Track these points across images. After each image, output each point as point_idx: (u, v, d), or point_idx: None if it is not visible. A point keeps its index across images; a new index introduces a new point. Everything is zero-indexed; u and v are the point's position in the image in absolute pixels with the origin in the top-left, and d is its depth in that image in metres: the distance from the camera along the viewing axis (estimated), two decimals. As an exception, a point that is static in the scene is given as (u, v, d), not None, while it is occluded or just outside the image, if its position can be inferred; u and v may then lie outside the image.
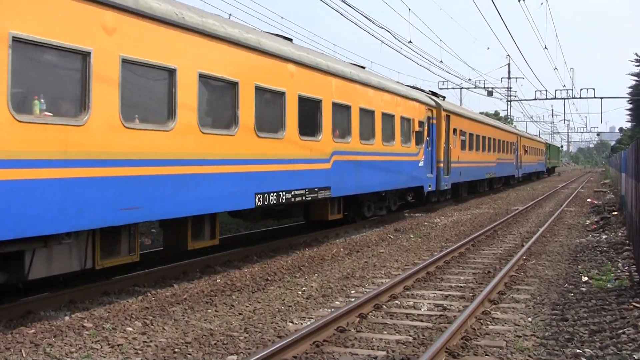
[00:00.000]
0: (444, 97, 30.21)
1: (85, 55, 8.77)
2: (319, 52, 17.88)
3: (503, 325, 8.98)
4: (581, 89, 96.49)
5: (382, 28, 26.41)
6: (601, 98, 69.92)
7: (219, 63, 11.72)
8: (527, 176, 59.06)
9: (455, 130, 28.43)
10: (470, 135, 32.28)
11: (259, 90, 12.89)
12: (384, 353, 7.64)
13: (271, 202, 13.38)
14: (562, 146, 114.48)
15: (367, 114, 18.46)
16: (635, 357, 7.31)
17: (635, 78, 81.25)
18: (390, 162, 20.37)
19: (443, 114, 26.30)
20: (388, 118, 20.11)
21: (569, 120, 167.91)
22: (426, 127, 24.08)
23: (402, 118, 21.42)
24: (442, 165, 26.10)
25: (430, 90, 29.12)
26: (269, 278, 12.09)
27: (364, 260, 14.29)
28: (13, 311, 8.87)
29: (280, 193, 13.69)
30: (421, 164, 23.42)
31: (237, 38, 12.24)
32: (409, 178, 22.30)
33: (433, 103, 25.53)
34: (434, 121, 25.38)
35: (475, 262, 14.40)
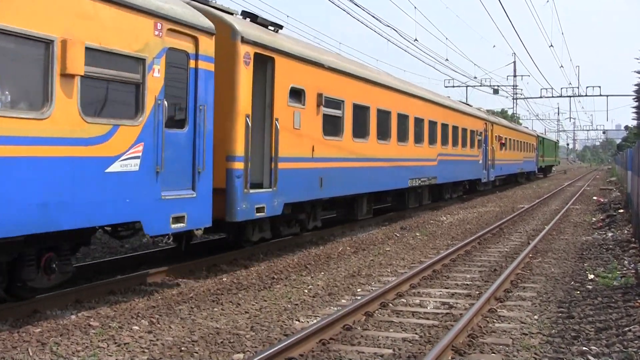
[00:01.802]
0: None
1: None
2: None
3: (509, 323, 8.98)
4: (587, 87, 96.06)
5: (388, 26, 26.44)
6: (607, 96, 70.07)
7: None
8: (506, 179, 45.53)
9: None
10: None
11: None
12: (390, 351, 7.64)
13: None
14: (558, 141, 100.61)
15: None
16: (642, 355, 7.29)
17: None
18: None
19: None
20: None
21: (574, 118, 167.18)
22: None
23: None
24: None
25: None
26: (275, 276, 12.10)
27: (370, 259, 14.28)
28: (19, 310, 8.89)
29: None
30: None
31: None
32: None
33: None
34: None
35: (482, 260, 14.39)
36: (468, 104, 35.64)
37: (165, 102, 9.85)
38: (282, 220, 14.46)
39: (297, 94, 14.08)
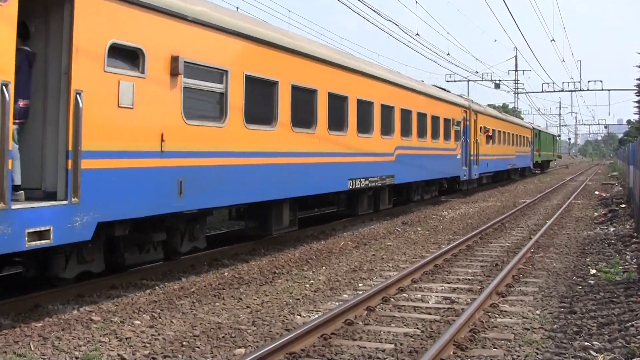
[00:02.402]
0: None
1: None
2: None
3: (511, 318, 8.97)
4: (589, 81, 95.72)
5: (390, 21, 26.38)
6: (609, 90, 70.02)
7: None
8: (495, 176, 41.15)
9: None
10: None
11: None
12: (392, 346, 7.63)
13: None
14: (559, 135, 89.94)
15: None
16: (644, 350, 7.28)
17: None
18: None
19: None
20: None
21: (576, 113, 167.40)
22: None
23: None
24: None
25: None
26: (277, 271, 12.09)
27: (372, 253, 14.28)
28: (21, 305, 8.90)
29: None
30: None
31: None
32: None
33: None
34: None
35: (483, 254, 14.38)
36: (444, 89, 29.77)
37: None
38: (129, 243, 10.70)
39: (127, 56, 9.50)
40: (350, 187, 16.84)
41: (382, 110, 18.94)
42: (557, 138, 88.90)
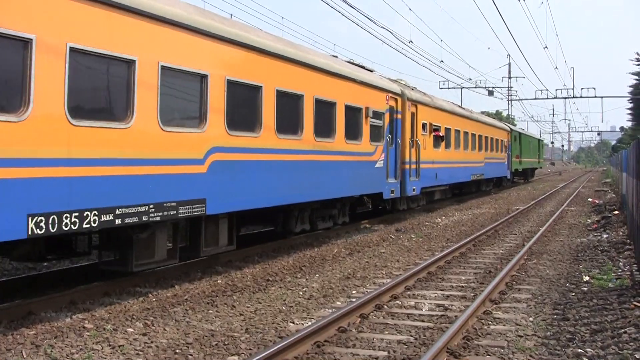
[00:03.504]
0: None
1: None
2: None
3: (504, 325, 8.97)
4: (582, 88, 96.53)
5: (383, 28, 26.43)
6: (602, 97, 70.09)
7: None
8: (458, 189, 34.03)
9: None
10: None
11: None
12: (385, 353, 7.62)
13: None
14: (552, 142, 79.24)
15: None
16: (637, 357, 7.30)
17: (636, 77, 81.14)
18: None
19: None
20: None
21: (569, 120, 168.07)
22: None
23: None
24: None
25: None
26: (270, 278, 12.08)
27: (365, 261, 14.27)
28: (14, 312, 8.86)
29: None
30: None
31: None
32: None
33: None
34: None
35: (477, 261, 14.39)
36: (366, 68, 20.10)
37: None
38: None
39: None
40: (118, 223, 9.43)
41: (202, 85, 11.18)
42: (542, 142, 76.28)
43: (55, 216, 8.18)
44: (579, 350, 7.74)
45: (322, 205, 16.83)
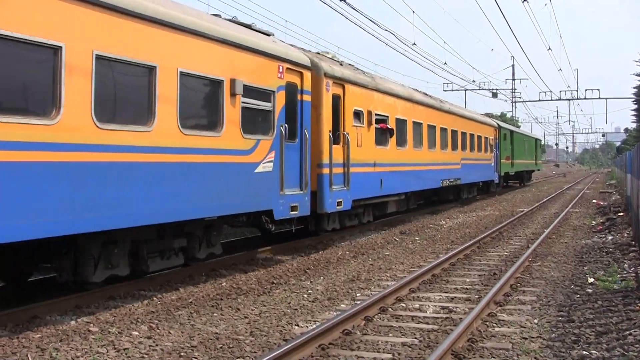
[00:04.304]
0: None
1: None
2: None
3: (509, 327, 8.97)
4: (586, 90, 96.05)
5: (387, 30, 26.44)
6: (606, 99, 70.25)
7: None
8: (423, 198, 28.15)
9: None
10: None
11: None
12: (390, 356, 7.63)
13: None
14: (540, 139, 67.45)
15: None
16: (642, 359, 7.28)
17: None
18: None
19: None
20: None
21: (574, 121, 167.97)
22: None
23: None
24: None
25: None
26: (275, 281, 12.09)
27: (370, 263, 14.27)
28: (19, 316, 8.89)
29: None
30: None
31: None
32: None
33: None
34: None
35: (481, 264, 14.38)
36: (245, 26, 13.81)
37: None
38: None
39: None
40: None
41: None
42: (540, 142, 68.04)
43: None
44: (584, 352, 7.73)
45: (159, 234, 11.23)
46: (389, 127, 19.81)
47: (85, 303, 9.87)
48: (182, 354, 7.62)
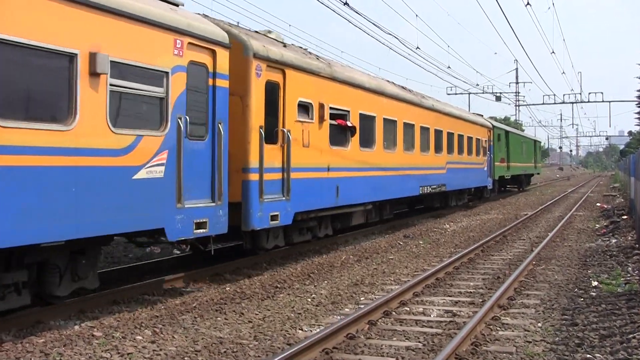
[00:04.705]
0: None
1: None
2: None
3: (513, 331, 8.96)
4: (589, 93, 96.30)
5: (390, 34, 26.44)
6: (609, 102, 70.13)
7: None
8: (374, 212, 19.72)
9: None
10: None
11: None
12: (394, 360, 7.63)
13: None
14: (540, 140, 64.51)
15: None
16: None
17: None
18: None
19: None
20: None
21: (577, 125, 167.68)
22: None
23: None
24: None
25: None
26: (279, 285, 12.09)
27: (373, 267, 14.27)
28: (23, 321, 8.89)
29: None
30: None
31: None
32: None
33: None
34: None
35: (485, 267, 14.37)
36: None
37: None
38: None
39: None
40: None
41: None
42: (540, 144, 64.40)
43: None
44: (588, 355, 7.72)
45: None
46: (349, 124, 16.53)
47: (89, 308, 9.88)
48: (186, 358, 7.63)
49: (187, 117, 10.54)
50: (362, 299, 11.09)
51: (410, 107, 21.77)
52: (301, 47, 16.42)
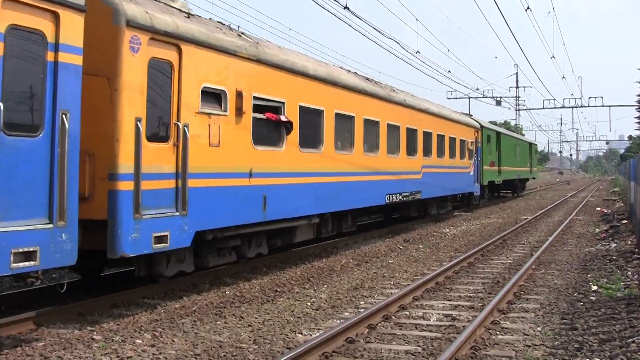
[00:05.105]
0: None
1: None
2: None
3: (512, 335, 8.96)
4: (589, 98, 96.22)
5: (390, 39, 26.48)
6: (610, 106, 70.16)
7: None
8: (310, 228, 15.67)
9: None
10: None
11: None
12: (393, 364, 7.63)
13: None
14: (535, 143, 61.12)
15: None
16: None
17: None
18: None
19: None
20: None
21: (577, 129, 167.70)
22: None
23: None
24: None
25: None
26: (278, 289, 12.10)
27: (373, 271, 14.27)
28: (23, 324, 8.90)
29: None
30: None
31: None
32: None
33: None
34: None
35: (485, 271, 14.37)
36: None
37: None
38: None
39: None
40: None
41: None
42: (535, 147, 60.31)
43: None
44: (587, 359, 7.73)
45: None
46: (283, 119, 13.44)
47: (89, 311, 9.88)
48: (185, 362, 7.63)
49: (2, 104, 7.39)
50: (361, 303, 11.10)
51: (374, 102, 18.45)
52: (221, 23, 12.85)
